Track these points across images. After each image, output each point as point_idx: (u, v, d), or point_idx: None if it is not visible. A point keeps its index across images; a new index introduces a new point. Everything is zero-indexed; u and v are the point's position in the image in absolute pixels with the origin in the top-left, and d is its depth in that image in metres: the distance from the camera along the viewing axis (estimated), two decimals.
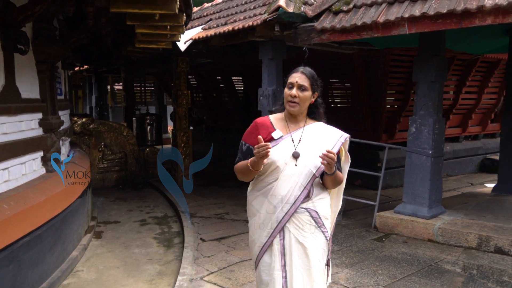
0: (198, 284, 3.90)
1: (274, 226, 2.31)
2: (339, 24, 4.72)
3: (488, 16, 3.86)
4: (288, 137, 2.35)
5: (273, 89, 5.88)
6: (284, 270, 2.29)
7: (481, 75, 9.05)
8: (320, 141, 2.36)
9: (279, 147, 2.32)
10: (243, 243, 5.03)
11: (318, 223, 2.32)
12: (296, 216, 2.30)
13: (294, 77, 2.36)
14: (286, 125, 2.40)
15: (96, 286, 4.02)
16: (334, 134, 2.43)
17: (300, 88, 2.33)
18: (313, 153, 2.30)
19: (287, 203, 2.29)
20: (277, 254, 2.31)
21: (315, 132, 2.40)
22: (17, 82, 4.04)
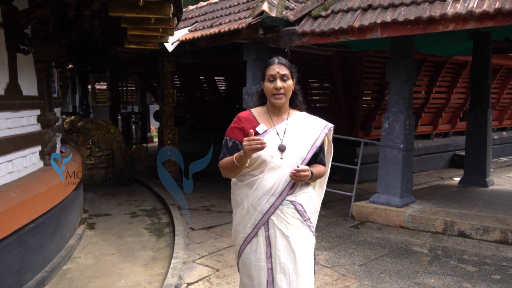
0: (191, 266, 4.25)
1: (259, 218, 2.29)
2: (318, 28, 5.14)
3: (450, 23, 4.33)
4: (272, 130, 2.33)
5: (257, 88, 6.25)
6: (270, 261, 2.27)
7: (450, 76, 9.64)
8: (304, 132, 2.36)
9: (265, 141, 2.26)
10: (230, 231, 5.38)
11: (304, 216, 2.30)
12: (281, 208, 2.28)
13: (274, 68, 2.32)
14: (269, 118, 2.38)
15: (95, 270, 4.32)
16: (318, 124, 2.43)
17: (282, 78, 2.30)
18: (298, 145, 2.32)
19: (273, 195, 2.27)
20: (262, 246, 2.29)
21: (299, 123, 2.39)
22: (19, 80, 4.31)
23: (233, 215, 2.45)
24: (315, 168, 2.34)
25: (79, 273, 4.24)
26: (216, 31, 6.11)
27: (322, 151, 2.44)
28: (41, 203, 4.12)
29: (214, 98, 12.11)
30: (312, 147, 2.34)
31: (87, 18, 4.79)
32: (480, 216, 5.25)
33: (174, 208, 6.29)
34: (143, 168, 9.05)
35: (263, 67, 2.40)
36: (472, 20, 4.18)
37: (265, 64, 2.40)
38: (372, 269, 4.15)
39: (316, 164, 2.38)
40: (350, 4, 5.14)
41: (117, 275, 4.18)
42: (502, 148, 11.87)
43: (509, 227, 4.82)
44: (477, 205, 5.85)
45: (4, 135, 3.93)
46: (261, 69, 2.42)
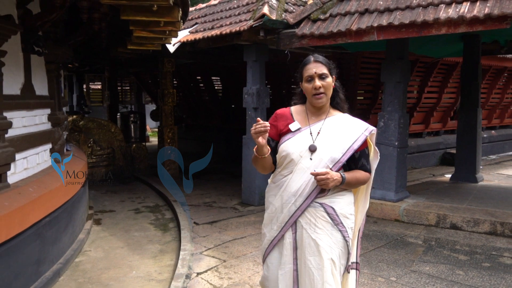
0: (199, 257, 4.46)
1: (286, 220, 2.24)
2: (318, 31, 5.38)
3: (443, 27, 4.59)
4: (306, 130, 2.27)
5: (257, 88, 6.48)
6: (295, 263, 2.22)
7: (442, 76, 9.94)
8: (340, 134, 2.24)
9: (295, 139, 2.25)
10: (233, 225, 5.62)
11: (335, 220, 2.19)
12: (310, 210, 2.20)
13: (310, 68, 2.24)
14: (306, 117, 2.31)
15: (106, 262, 4.51)
16: (358, 126, 2.29)
17: (321, 77, 2.22)
18: (331, 146, 2.21)
19: (300, 197, 2.20)
20: (289, 248, 2.23)
21: (336, 124, 2.28)
22: (32, 81, 4.50)
23: (264, 217, 2.41)
24: (353, 173, 2.23)
25: (91, 265, 4.43)
26: (218, 33, 6.32)
27: (364, 156, 2.30)
28: (56, 198, 4.30)
29: (211, 98, 12.30)
30: (348, 150, 2.20)
31: (96, 20, 4.98)
32: (470, 209, 5.53)
33: (177, 204, 6.49)
34: (142, 167, 9.23)
35: (300, 67, 2.31)
36: (463, 24, 4.45)
37: (302, 64, 2.31)
38: (370, 259, 4.40)
39: (356, 170, 2.26)
40: (348, 8, 5.38)
41: (128, 267, 4.38)
42: (491, 146, 12.22)
43: (498, 219, 5.10)
44: (467, 199, 6.14)
45: (21, 133, 4.11)
46: (298, 69, 2.33)
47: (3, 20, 3.48)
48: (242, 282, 3.85)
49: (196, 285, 3.80)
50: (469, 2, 4.49)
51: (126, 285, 3.92)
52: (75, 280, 4.06)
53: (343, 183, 2.17)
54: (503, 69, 11.08)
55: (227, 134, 11.55)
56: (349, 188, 2.28)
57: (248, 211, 6.31)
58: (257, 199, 6.55)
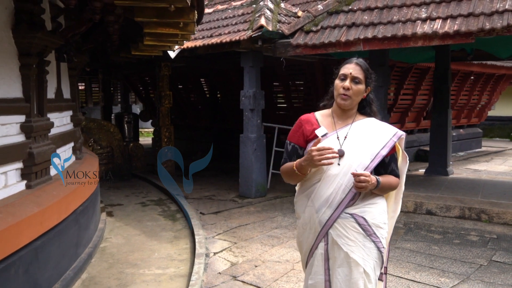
0: (212, 241, 5.10)
1: (318, 230, 2.17)
2: (311, 41, 6.08)
3: (419, 40, 5.36)
4: (333, 135, 2.20)
5: (253, 91, 7.14)
6: (327, 273, 2.16)
7: (415, 80, 10.84)
8: (369, 139, 2.17)
9: (322, 145, 2.13)
10: (235, 215, 6.26)
11: (367, 231, 2.11)
12: (340, 222, 2.12)
13: (348, 68, 2.19)
14: (332, 121, 2.25)
15: (129, 247, 5.09)
16: (386, 131, 2.22)
17: (354, 80, 2.15)
18: (360, 151, 2.14)
19: (330, 208, 2.12)
20: (321, 259, 2.19)
21: (364, 128, 2.21)
22: (62, 86, 5.04)
23: (297, 226, 2.37)
24: (386, 178, 2.17)
25: (116, 249, 5.00)
26: (218, 41, 6.94)
27: (394, 161, 2.24)
28: (86, 190, 4.86)
29: (199, 99, 12.88)
30: (377, 155, 2.14)
31: (110, 23, 5.39)
32: (443, 197, 6.35)
33: (181, 198, 7.09)
34: (140, 165, 9.76)
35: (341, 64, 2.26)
36: (436, 38, 5.23)
37: (343, 62, 2.27)
38: None
39: (386, 175, 2.20)
40: (337, 21, 6.11)
41: (149, 250, 4.97)
42: (459, 144, 13.25)
43: (466, 205, 5.93)
44: (440, 189, 6.97)
45: (56, 132, 4.65)
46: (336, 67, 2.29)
47: (50, 34, 4.03)
48: (254, 259, 4.51)
49: (216, 262, 4.44)
50: (441, 20, 5.28)
51: (152, 264, 4.52)
52: (105, 261, 4.63)
53: (377, 187, 2.10)
54: (469, 73, 12.09)
55: (215, 133, 12.17)
56: (381, 193, 2.20)
57: (247, 203, 6.97)
58: (253, 191, 7.22)
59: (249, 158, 7.20)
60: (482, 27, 4.86)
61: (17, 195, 3.59)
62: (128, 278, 4.18)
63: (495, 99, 14.83)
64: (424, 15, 5.44)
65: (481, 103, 14.26)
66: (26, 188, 3.78)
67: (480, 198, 6.31)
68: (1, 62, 3.48)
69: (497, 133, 18.71)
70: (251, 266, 4.31)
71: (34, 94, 3.89)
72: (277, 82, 10.47)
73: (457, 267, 4.25)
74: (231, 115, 11.67)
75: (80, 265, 4.27)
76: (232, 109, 11.44)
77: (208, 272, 4.15)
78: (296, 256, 4.55)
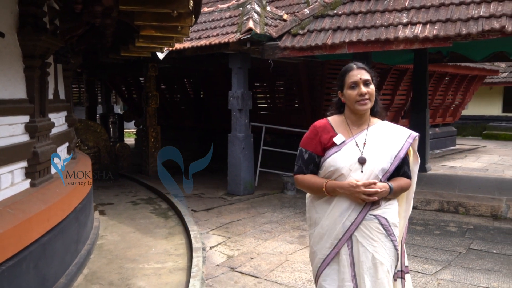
0: (207, 236, 5.29)
1: (340, 236, 2.18)
2: (298, 44, 6.34)
3: (401, 43, 5.68)
4: (351, 141, 2.22)
5: (241, 91, 7.36)
6: (354, 280, 2.16)
7: (394, 81, 11.25)
8: (386, 143, 2.22)
9: (342, 152, 2.20)
10: (226, 212, 6.46)
11: (388, 231, 2.17)
12: (365, 223, 2.15)
13: (355, 75, 2.20)
14: (347, 127, 2.27)
15: (125, 244, 5.23)
16: (401, 134, 2.27)
17: (365, 83, 2.19)
18: (380, 156, 2.18)
19: (354, 211, 2.15)
20: (346, 265, 2.18)
21: (380, 133, 2.25)
22: (58, 87, 5.14)
23: (310, 235, 2.36)
24: (397, 181, 2.22)
25: (114, 246, 5.14)
26: (207, 43, 7.13)
27: (406, 163, 2.28)
28: (84, 188, 4.98)
29: (183, 99, 13.01)
30: (395, 158, 2.20)
31: (108, 26, 5.52)
32: (423, 192, 6.70)
33: (171, 196, 7.24)
34: (126, 165, 9.83)
35: (340, 75, 2.29)
36: (417, 42, 5.56)
37: (343, 71, 2.28)
38: None
39: (399, 177, 2.24)
40: (323, 25, 6.38)
41: (146, 246, 5.13)
42: (435, 142, 13.77)
43: (444, 199, 6.29)
44: (420, 185, 7.33)
45: (54, 132, 4.76)
46: (338, 78, 2.32)
47: (53, 37, 4.16)
48: (249, 252, 4.73)
49: (213, 255, 4.64)
50: (421, 25, 5.61)
51: (150, 259, 4.68)
52: (104, 257, 4.77)
53: (390, 193, 2.16)
54: (445, 74, 12.61)
55: (200, 133, 12.32)
56: (394, 197, 2.25)
57: (236, 200, 7.18)
58: (242, 189, 7.43)
59: (237, 157, 7.41)
60: (459, 32, 5.21)
61: (23, 193, 3.71)
62: (129, 272, 4.34)
63: (468, 99, 15.46)
64: (405, 20, 5.76)
65: (455, 103, 14.84)
66: (31, 186, 3.90)
67: (457, 192, 6.69)
68: (8, 64, 3.60)
69: (470, 132, 19.45)
70: (247, 258, 4.53)
71: (37, 95, 4.01)
72: (260, 83, 10.70)
73: (438, 255, 4.57)
74: (216, 115, 11.85)
75: (81, 261, 4.41)
76: (217, 109, 11.63)
77: (207, 265, 4.35)
78: (289, 248, 4.80)
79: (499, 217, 5.96)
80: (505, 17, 5.07)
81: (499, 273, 4.09)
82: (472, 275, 4.05)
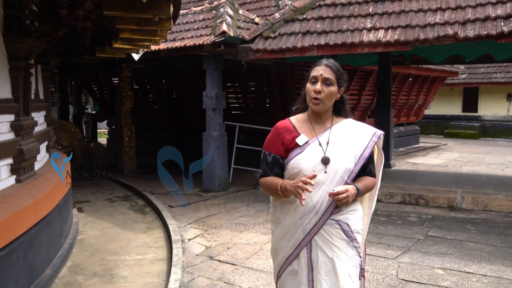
0: (185, 229, 5.55)
1: (301, 238, 2.13)
2: (269, 46, 6.68)
3: (365, 47, 6.11)
4: (314, 141, 2.15)
5: (216, 92, 7.64)
6: (311, 285, 2.12)
7: (360, 82, 11.78)
8: (350, 142, 2.16)
9: (305, 153, 2.13)
10: (202, 207, 6.74)
11: (350, 237, 2.11)
12: (325, 228, 2.10)
13: (318, 70, 2.12)
14: (310, 127, 2.20)
15: (105, 238, 5.42)
16: (366, 132, 2.21)
17: (325, 82, 2.10)
18: (344, 156, 2.11)
19: (316, 214, 2.09)
20: (304, 268, 2.14)
21: (344, 131, 2.19)
22: (38, 87, 5.29)
23: (272, 232, 2.33)
24: (363, 182, 2.16)
25: (94, 240, 5.33)
26: (182, 45, 7.37)
27: (371, 161, 2.23)
28: (66, 186, 5.15)
29: (156, 99, 13.14)
30: (360, 158, 2.14)
31: (88, 29, 5.70)
32: (387, 186, 7.17)
33: (147, 193, 7.45)
34: (101, 164, 9.92)
35: (311, 67, 2.21)
36: (380, 46, 6.00)
37: (313, 65, 2.21)
38: None
39: (364, 177, 2.20)
40: (293, 29, 6.74)
41: (126, 240, 5.34)
42: (400, 140, 14.43)
43: (406, 192, 6.77)
44: (384, 179, 7.78)
45: (37, 130, 4.92)
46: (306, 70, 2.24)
47: (36, 39, 4.33)
48: (226, 242, 5.03)
49: (192, 246, 4.91)
50: (383, 30, 6.05)
51: (131, 251, 4.91)
52: (86, 250, 4.96)
53: (358, 195, 2.11)
54: (408, 75, 13.25)
55: (173, 133, 12.49)
56: (359, 197, 2.21)
57: (211, 196, 7.45)
58: (216, 186, 7.71)
59: (211, 155, 7.68)
60: (417, 38, 5.67)
61: (9, 189, 3.88)
62: (111, 263, 4.56)
63: (430, 99, 16.25)
64: (369, 25, 6.19)
65: (419, 103, 15.58)
66: (16, 182, 4.06)
67: (418, 186, 7.20)
68: None
69: (432, 130, 20.37)
70: (224, 248, 4.83)
71: (22, 94, 4.18)
72: (232, 83, 10.99)
73: (399, 242, 5.00)
74: (189, 115, 12.06)
75: (64, 253, 4.60)
76: (190, 109, 11.85)
77: (186, 255, 4.62)
78: (263, 239, 5.12)
79: (455, 207, 6.48)
80: (457, 24, 5.56)
81: (452, 256, 4.54)
82: (428, 258, 4.49)
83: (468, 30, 5.45)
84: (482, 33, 5.32)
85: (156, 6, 3.75)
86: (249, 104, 10.76)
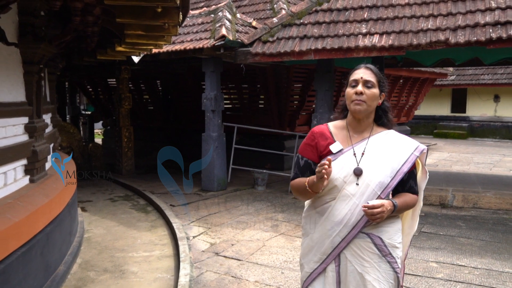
0: (189, 227, 5.75)
1: (328, 252, 2.05)
2: (268, 50, 6.90)
3: (361, 51, 6.35)
4: (349, 151, 2.06)
5: (214, 93, 7.83)
6: None
7: None
8: (388, 154, 2.03)
9: (337, 162, 2.03)
10: (203, 206, 6.93)
11: (383, 251, 2.00)
12: (356, 242, 2.01)
13: (358, 73, 2.05)
14: (347, 135, 2.10)
15: (111, 236, 5.60)
16: (407, 146, 2.08)
17: (366, 84, 2.02)
18: (379, 169, 2.00)
19: (345, 227, 2.00)
20: (332, 283, 2.06)
21: (382, 143, 2.07)
22: (45, 90, 5.44)
23: (301, 244, 2.23)
24: (402, 198, 2.05)
25: (101, 238, 5.50)
26: (182, 48, 7.56)
27: (413, 178, 2.11)
28: (74, 186, 5.32)
29: (152, 100, 13.28)
30: (398, 173, 2.02)
31: (95, 34, 5.84)
32: None
33: (148, 193, 7.62)
34: (99, 164, 10.06)
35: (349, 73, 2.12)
36: (375, 51, 6.24)
37: (351, 70, 2.13)
38: None
39: (404, 193, 2.08)
40: (290, 33, 6.97)
41: (132, 238, 5.53)
42: None
43: None
44: None
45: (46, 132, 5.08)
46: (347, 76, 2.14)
47: (49, 44, 4.50)
48: (229, 239, 5.24)
49: (197, 243, 5.11)
50: (378, 35, 6.31)
51: (138, 249, 5.10)
52: (94, 248, 5.14)
53: (394, 211, 1.98)
54: (399, 77, 13.58)
55: (169, 133, 12.64)
56: (398, 214, 2.09)
57: (211, 195, 7.65)
58: (215, 185, 7.91)
59: (211, 155, 7.88)
60: (410, 43, 5.93)
61: (24, 188, 4.05)
62: (120, 260, 4.74)
63: (421, 100, 16.62)
64: (364, 30, 6.44)
65: (409, 104, 15.93)
66: (30, 182, 4.23)
67: None
68: (12, 70, 3.94)
69: (422, 131, 20.79)
70: (228, 244, 5.04)
71: (35, 98, 4.35)
72: (229, 85, 11.18)
73: None
74: (185, 116, 12.23)
75: (74, 251, 4.77)
76: (186, 110, 12.03)
77: (192, 251, 4.82)
78: (265, 236, 5.34)
79: (446, 205, 6.76)
80: (449, 30, 5.83)
81: (445, 250, 4.81)
82: (423, 252, 4.75)
83: (458, 36, 5.73)
84: (472, 39, 5.59)
85: (166, 14, 3.93)
86: (245, 106, 10.96)
